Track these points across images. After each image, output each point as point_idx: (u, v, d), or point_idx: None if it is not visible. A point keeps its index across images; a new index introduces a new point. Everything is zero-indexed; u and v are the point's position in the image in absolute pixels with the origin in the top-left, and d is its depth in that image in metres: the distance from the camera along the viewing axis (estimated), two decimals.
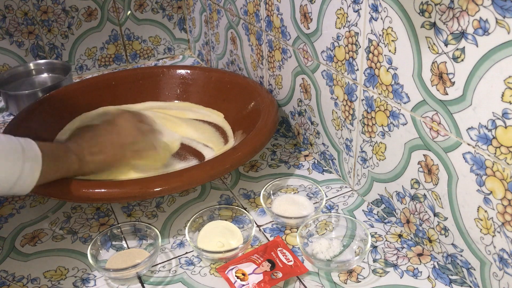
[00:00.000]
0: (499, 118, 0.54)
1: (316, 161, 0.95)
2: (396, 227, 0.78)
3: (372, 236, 0.76)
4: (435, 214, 0.69)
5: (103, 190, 0.74)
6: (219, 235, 0.75)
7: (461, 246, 0.66)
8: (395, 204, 0.77)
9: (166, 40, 1.44)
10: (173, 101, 1.13)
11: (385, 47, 0.68)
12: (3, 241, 0.79)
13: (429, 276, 0.69)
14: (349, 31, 0.74)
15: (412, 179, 0.71)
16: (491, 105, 0.55)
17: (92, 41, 1.35)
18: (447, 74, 0.59)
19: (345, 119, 0.83)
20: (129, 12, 1.35)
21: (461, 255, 0.66)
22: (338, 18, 0.76)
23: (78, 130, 0.95)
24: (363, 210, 0.82)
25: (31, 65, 1.26)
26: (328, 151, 0.91)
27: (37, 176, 0.66)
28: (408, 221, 0.75)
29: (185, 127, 1.00)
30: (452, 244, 0.67)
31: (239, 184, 0.90)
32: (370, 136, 0.78)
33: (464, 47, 0.56)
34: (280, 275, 0.68)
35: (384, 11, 0.66)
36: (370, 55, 0.72)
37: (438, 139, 0.64)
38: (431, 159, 0.66)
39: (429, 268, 0.70)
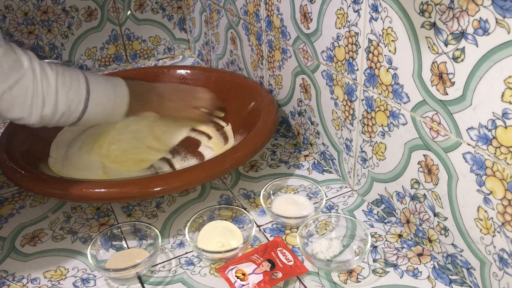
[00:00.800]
0: (499, 118, 0.54)
1: (316, 161, 0.95)
2: (396, 227, 0.78)
3: (372, 236, 0.76)
4: (435, 214, 0.69)
5: (103, 190, 0.74)
6: (219, 235, 0.75)
7: (461, 246, 0.66)
8: (395, 204, 0.77)
9: (166, 40, 1.44)
10: None
11: (385, 47, 0.68)
12: (3, 241, 0.79)
13: (429, 276, 0.69)
14: (349, 31, 0.74)
15: (412, 179, 0.71)
16: (491, 105, 0.55)
17: (92, 41, 1.35)
18: (447, 74, 0.59)
19: (345, 119, 0.83)
20: (129, 12, 1.35)
21: (461, 255, 0.66)
22: (338, 18, 0.76)
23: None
24: (363, 210, 0.82)
25: None
26: (328, 151, 0.91)
27: (125, 110, 0.82)
28: (408, 221, 0.75)
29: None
30: (452, 244, 0.67)
31: (239, 184, 0.90)
32: (370, 136, 0.78)
33: (464, 47, 0.56)
34: (280, 275, 0.68)
35: (384, 11, 0.66)
36: (370, 55, 0.72)
37: (438, 139, 0.64)
38: (431, 159, 0.66)
39: (429, 268, 0.70)
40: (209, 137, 0.98)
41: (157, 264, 0.73)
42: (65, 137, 0.98)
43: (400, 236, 0.76)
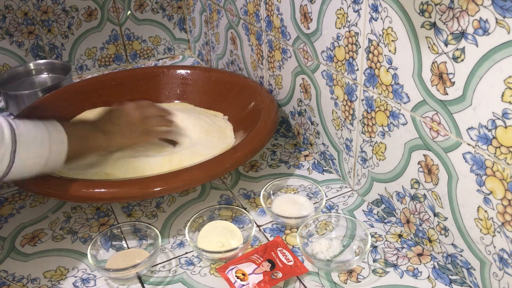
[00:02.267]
0: (499, 118, 0.54)
1: (316, 161, 0.95)
2: (396, 227, 0.78)
3: (372, 236, 0.76)
4: (435, 214, 0.69)
5: (103, 190, 0.74)
6: (219, 235, 0.75)
7: (461, 246, 0.66)
8: (395, 204, 0.77)
9: (166, 40, 1.44)
10: (173, 101, 1.13)
11: (385, 47, 0.68)
12: (3, 241, 0.79)
13: (429, 276, 0.69)
14: (349, 31, 0.74)
15: (412, 179, 0.71)
16: (491, 105, 0.55)
17: (92, 41, 1.35)
18: (447, 74, 0.59)
19: (345, 119, 0.83)
20: (129, 12, 1.35)
21: (461, 255, 0.66)
22: (338, 18, 0.76)
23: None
24: (363, 210, 0.82)
25: (31, 65, 1.26)
26: (328, 151, 0.91)
27: (64, 156, 0.72)
28: (408, 221, 0.75)
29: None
30: (452, 244, 0.67)
31: (239, 184, 0.90)
32: (370, 136, 0.78)
33: (464, 47, 0.56)
34: (280, 275, 0.68)
35: (384, 11, 0.66)
36: (370, 55, 0.72)
37: (438, 139, 0.64)
38: (431, 159, 0.66)
39: (429, 268, 0.70)
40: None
41: (157, 264, 0.73)
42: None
43: (400, 236, 0.76)
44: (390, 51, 0.68)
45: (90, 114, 1.04)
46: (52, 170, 0.74)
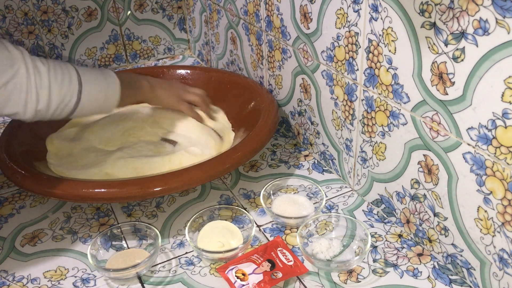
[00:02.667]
0: (499, 118, 0.54)
1: (316, 161, 0.95)
2: (396, 227, 0.78)
3: (372, 236, 0.76)
4: (435, 214, 0.69)
5: (103, 190, 0.74)
6: (219, 235, 0.75)
7: (461, 246, 0.66)
8: (395, 204, 0.77)
9: (166, 40, 1.44)
10: None
11: (385, 47, 0.68)
12: (3, 241, 0.79)
13: (429, 276, 0.69)
14: (349, 31, 0.74)
15: (412, 179, 0.71)
16: (491, 105, 0.55)
17: (92, 41, 1.35)
18: (447, 74, 0.59)
19: (345, 119, 0.83)
20: (129, 12, 1.35)
21: (461, 255, 0.66)
22: (338, 18, 0.76)
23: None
24: (363, 210, 0.82)
25: None
26: (328, 151, 0.91)
27: (117, 100, 0.83)
28: (408, 221, 0.75)
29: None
30: (452, 244, 0.67)
31: (239, 184, 0.90)
32: (370, 136, 0.78)
33: (464, 47, 0.56)
34: (280, 275, 0.68)
35: (384, 11, 0.66)
36: (370, 55, 0.72)
37: (438, 139, 0.64)
38: (431, 159, 0.66)
39: (429, 268, 0.70)
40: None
41: (157, 264, 0.73)
42: (64, 137, 0.98)
43: (400, 236, 0.76)
44: (390, 51, 0.68)
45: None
46: (107, 111, 0.85)
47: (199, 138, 0.94)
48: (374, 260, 0.72)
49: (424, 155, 0.68)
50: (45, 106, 0.72)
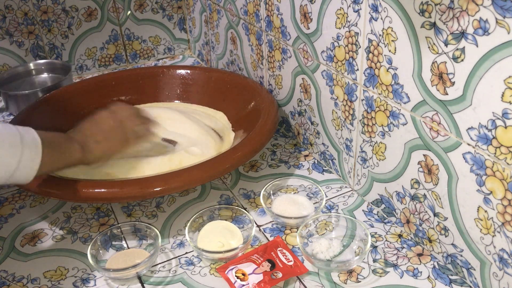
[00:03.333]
0: (499, 118, 0.54)
1: (316, 161, 0.95)
2: (396, 227, 0.78)
3: (372, 236, 0.76)
4: (435, 214, 0.69)
5: (103, 190, 0.74)
6: (219, 235, 0.75)
7: (461, 246, 0.66)
8: (395, 204, 0.77)
9: (166, 40, 1.44)
10: (173, 101, 1.13)
11: (385, 47, 0.68)
12: (3, 241, 0.79)
13: (429, 276, 0.69)
14: (349, 31, 0.74)
15: (412, 179, 0.71)
16: (491, 105, 0.55)
17: (92, 41, 1.35)
18: (447, 74, 0.59)
19: (345, 119, 0.83)
20: (129, 12, 1.35)
21: (461, 255, 0.66)
22: (338, 18, 0.76)
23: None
24: (363, 210, 0.82)
25: (31, 65, 1.26)
26: (328, 151, 0.91)
27: (37, 164, 0.64)
28: (408, 221, 0.75)
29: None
30: (452, 244, 0.67)
31: (239, 184, 0.90)
32: (370, 136, 0.78)
33: (464, 47, 0.56)
34: (280, 275, 0.68)
35: (384, 11, 0.66)
36: (370, 55, 0.72)
37: (438, 139, 0.64)
38: (431, 159, 0.66)
39: (429, 268, 0.70)
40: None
41: (157, 264, 0.73)
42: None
43: (400, 236, 0.76)
44: (390, 51, 0.68)
45: None
46: (22, 181, 0.65)
47: (199, 138, 0.94)
48: (374, 260, 0.72)
49: (424, 155, 0.68)
50: None
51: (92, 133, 0.78)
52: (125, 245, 0.76)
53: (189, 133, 0.96)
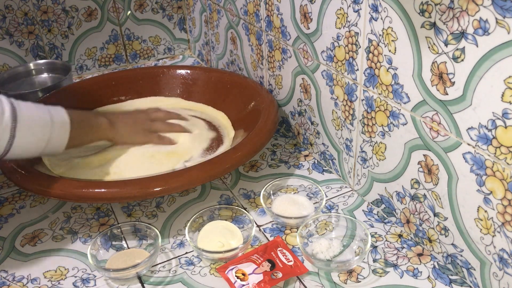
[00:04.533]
0: (499, 118, 0.54)
1: (316, 161, 0.95)
2: (396, 227, 0.78)
3: (372, 236, 0.76)
4: (435, 214, 0.69)
5: (103, 190, 0.74)
6: (219, 235, 0.74)
7: (461, 246, 0.66)
8: (395, 204, 0.77)
9: (166, 40, 1.44)
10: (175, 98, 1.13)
11: (385, 47, 0.68)
12: (3, 241, 0.79)
13: (429, 276, 0.69)
14: (349, 31, 0.74)
15: (412, 179, 0.71)
16: (491, 105, 0.55)
17: (92, 41, 1.35)
18: (447, 74, 0.59)
19: (345, 119, 0.83)
20: (129, 12, 1.35)
21: (461, 255, 0.66)
22: (338, 18, 0.76)
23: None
24: (363, 210, 0.82)
25: (31, 65, 1.26)
26: (328, 151, 0.91)
27: (66, 140, 0.75)
28: (408, 221, 0.75)
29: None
30: (452, 244, 0.67)
31: (239, 184, 0.90)
32: (370, 136, 0.78)
33: (464, 47, 0.56)
34: (280, 275, 0.68)
35: (384, 11, 0.66)
36: (370, 55, 0.72)
37: (438, 139, 0.64)
38: (431, 159, 0.66)
39: (429, 268, 0.70)
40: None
41: (157, 264, 0.73)
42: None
43: (400, 236, 0.76)
44: (390, 51, 0.68)
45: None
46: (54, 153, 0.76)
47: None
48: (374, 260, 0.72)
49: (424, 155, 0.68)
50: None
51: (123, 117, 0.91)
52: (125, 245, 0.76)
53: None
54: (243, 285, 0.66)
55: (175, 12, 1.42)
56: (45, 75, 1.27)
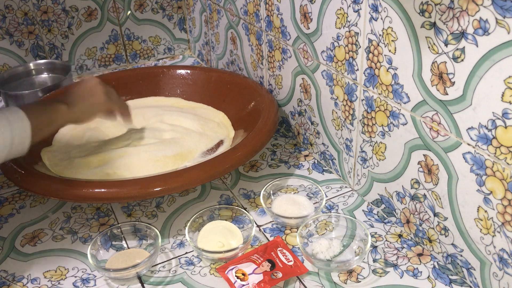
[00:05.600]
0: (499, 118, 0.54)
1: (316, 161, 0.95)
2: (396, 227, 0.78)
3: (372, 236, 0.76)
4: (435, 214, 0.69)
5: (103, 190, 0.74)
6: (219, 235, 0.74)
7: (461, 246, 0.66)
8: (395, 204, 0.77)
9: (166, 40, 1.44)
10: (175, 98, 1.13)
11: (385, 47, 0.68)
12: (3, 241, 0.79)
13: (429, 276, 0.69)
14: (349, 31, 0.74)
15: (412, 179, 0.71)
16: (491, 105, 0.55)
17: (92, 41, 1.35)
18: (447, 74, 0.59)
19: (345, 119, 0.83)
20: (129, 12, 1.35)
21: (461, 255, 0.66)
22: (338, 18, 0.76)
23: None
24: (363, 210, 0.82)
25: (31, 65, 1.26)
26: (328, 151, 0.91)
27: (29, 132, 0.69)
28: (408, 221, 0.75)
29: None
30: (452, 244, 0.67)
31: (239, 184, 0.90)
32: (370, 136, 0.78)
33: (464, 47, 0.56)
34: (280, 275, 0.68)
35: (384, 11, 0.66)
36: (370, 55, 0.72)
37: (438, 139, 0.64)
38: (431, 159, 0.66)
39: (429, 268, 0.70)
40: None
41: (157, 264, 0.73)
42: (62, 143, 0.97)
43: (400, 236, 0.76)
44: (390, 51, 0.68)
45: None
46: (22, 151, 0.71)
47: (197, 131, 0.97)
48: (374, 260, 0.72)
49: (424, 155, 0.68)
50: None
51: (78, 90, 0.84)
52: (125, 245, 0.76)
53: (185, 125, 0.98)
54: (243, 285, 0.66)
55: (175, 12, 1.42)
56: (45, 75, 1.27)
